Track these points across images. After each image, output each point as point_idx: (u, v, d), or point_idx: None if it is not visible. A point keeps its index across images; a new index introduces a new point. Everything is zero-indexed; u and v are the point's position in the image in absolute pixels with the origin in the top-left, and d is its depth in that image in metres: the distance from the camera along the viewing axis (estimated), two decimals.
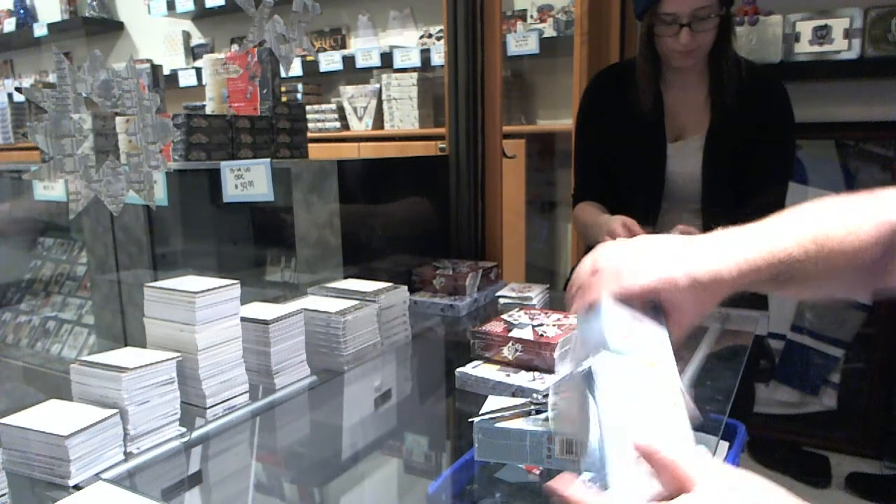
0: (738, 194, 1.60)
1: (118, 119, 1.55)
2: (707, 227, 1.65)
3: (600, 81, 1.77)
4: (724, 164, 1.59)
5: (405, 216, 1.67)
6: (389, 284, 1.30)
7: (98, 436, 0.81)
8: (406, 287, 1.31)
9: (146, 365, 0.87)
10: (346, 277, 1.40)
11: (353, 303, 1.19)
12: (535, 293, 1.49)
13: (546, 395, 0.83)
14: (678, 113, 1.64)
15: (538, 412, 0.81)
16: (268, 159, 1.32)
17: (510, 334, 1.08)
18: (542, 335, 1.07)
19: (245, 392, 1.02)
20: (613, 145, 1.69)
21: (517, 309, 1.24)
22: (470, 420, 0.79)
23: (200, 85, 3.84)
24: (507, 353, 1.07)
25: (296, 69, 3.59)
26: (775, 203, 1.60)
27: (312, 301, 1.21)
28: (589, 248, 1.75)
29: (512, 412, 0.81)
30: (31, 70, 5.12)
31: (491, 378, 1.02)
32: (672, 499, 0.50)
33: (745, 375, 1.11)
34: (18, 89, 4.79)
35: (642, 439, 0.54)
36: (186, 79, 3.98)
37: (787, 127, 1.60)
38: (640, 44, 1.61)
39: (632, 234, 1.39)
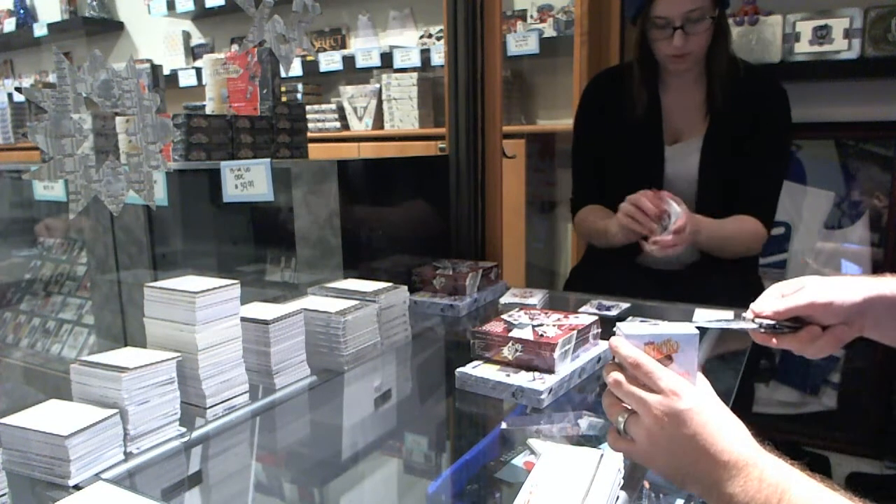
0: (732, 195, 1.60)
1: (118, 119, 1.55)
2: None
3: (596, 86, 1.77)
4: (721, 167, 1.59)
5: (405, 216, 1.67)
6: (389, 284, 1.30)
7: (98, 436, 0.81)
8: (406, 287, 1.31)
9: (146, 365, 0.87)
10: (346, 277, 1.40)
11: (353, 303, 1.19)
12: (537, 299, 1.50)
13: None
14: (676, 116, 1.64)
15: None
16: (268, 159, 1.32)
17: (510, 334, 1.08)
18: (542, 335, 1.07)
19: (245, 392, 1.02)
20: (611, 149, 1.69)
21: (517, 309, 1.24)
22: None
23: (200, 85, 3.84)
24: (507, 353, 1.07)
25: (296, 69, 3.59)
26: (768, 204, 1.60)
27: (312, 301, 1.21)
28: (595, 249, 1.75)
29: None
30: (31, 70, 5.12)
31: (491, 378, 1.02)
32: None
33: (745, 375, 1.11)
34: (18, 89, 4.79)
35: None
36: (186, 79, 3.98)
37: (783, 128, 1.60)
38: (634, 49, 1.61)
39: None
